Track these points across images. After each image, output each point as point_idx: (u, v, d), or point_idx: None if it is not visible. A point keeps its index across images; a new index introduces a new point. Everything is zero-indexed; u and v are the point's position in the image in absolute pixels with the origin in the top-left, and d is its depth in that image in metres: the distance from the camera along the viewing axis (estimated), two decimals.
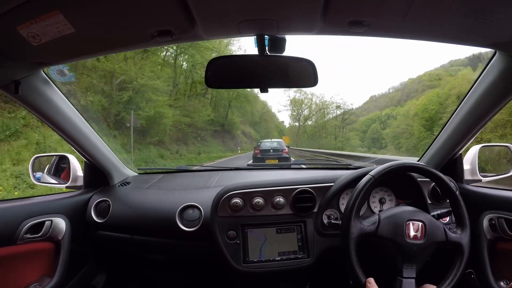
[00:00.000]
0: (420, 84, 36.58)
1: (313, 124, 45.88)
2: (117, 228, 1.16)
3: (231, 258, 1.00)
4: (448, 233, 0.81)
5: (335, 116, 44.40)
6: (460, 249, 0.81)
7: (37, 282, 0.99)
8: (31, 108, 0.96)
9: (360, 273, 0.77)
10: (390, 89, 47.37)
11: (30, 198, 1.10)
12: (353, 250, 0.78)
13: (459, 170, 1.20)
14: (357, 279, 0.77)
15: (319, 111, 44.86)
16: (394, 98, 42.86)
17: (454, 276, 0.78)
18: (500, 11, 0.60)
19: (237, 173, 1.53)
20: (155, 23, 0.67)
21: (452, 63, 35.61)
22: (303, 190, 1.06)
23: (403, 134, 29.84)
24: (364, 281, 0.75)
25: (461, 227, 0.84)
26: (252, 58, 0.81)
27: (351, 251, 0.78)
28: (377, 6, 0.61)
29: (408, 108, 31.13)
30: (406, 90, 40.67)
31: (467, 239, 0.82)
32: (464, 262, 0.80)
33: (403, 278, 0.76)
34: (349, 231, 0.79)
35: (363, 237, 0.79)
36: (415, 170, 0.91)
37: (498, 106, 0.92)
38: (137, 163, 9.63)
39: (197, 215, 1.09)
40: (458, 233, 0.82)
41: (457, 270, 0.79)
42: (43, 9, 0.59)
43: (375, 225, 0.80)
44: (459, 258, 0.80)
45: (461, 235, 0.82)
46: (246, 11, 0.64)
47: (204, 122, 19.18)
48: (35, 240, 0.99)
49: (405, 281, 0.76)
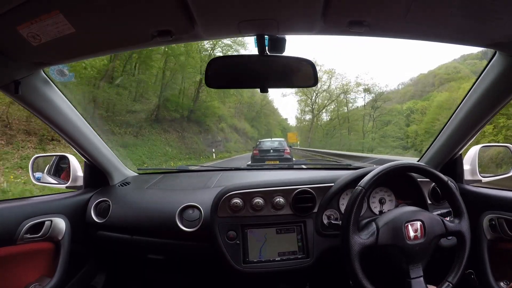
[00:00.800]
0: (436, 78, 32.74)
1: (331, 116, 34.31)
2: (117, 228, 1.16)
3: (231, 259, 1.00)
4: (447, 224, 0.82)
5: (364, 104, 32.95)
6: (461, 237, 0.82)
7: (37, 282, 0.99)
8: (31, 108, 0.96)
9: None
10: (399, 85, 40.16)
11: (30, 198, 1.10)
12: (358, 267, 0.77)
13: (459, 171, 1.20)
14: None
15: (337, 98, 33.47)
16: (407, 94, 36.29)
17: (459, 266, 0.79)
18: (500, 11, 0.60)
19: (237, 173, 1.54)
20: (155, 23, 0.67)
21: (465, 57, 32.60)
22: (303, 190, 1.06)
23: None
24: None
25: (459, 217, 0.85)
26: (252, 58, 0.81)
27: (356, 268, 0.76)
28: (377, 6, 0.61)
29: (443, 99, 24.16)
30: (420, 84, 35.85)
31: (467, 226, 0.83)
32: (467, 250, 0.80)
33: (412, 279, 0.76)
34: (350, 249, 0.78)
35: (365, 251, 0.79)
36: (411, 170, 0.91)
37: (498, 106, 0.92)
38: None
39: (197, 216, 1.09)
40: (457, 222, 0.83)
41: (461, 258, 0.80)
42: (43, 9, 0.59)
43: (374, 236, 0.79)
44: (462, 247, 0.81)
45: (459, 223, 0.83)
46: (246, 11, 0.64)
47: (139, 102, 12.24)
48: (35, 240, 0.99)
49: (414, 282, 0.76)
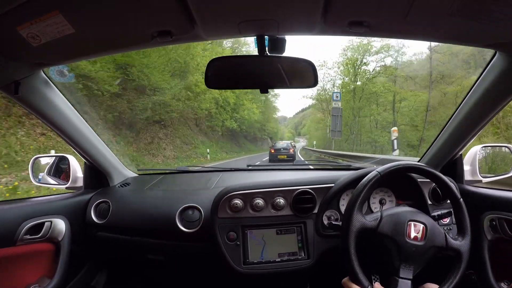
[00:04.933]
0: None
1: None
2: (117, 229, 1.16)
3: (231, 259, 0.99)
4: (449, 239, 0.79)
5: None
6: (459, 257, 0.79)
7: (37, 283, 0.99)
8: (31, 108, 0.96)
9: (361, 275, 0.75)
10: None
11: (30, 199, 1.10)
12: (353, 244, 0.77)
13: (460, 171, 1.19)
14: (357, 279, 0.75)
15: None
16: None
17: (450, 284, 0.76)
18: (500, 11, 0.60)
19: (237, 174, 1.53)
20: (155, 23, 0.67)
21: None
22: (303, 191, 1.06)
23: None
24: (367, 286, 0.74)
25: (462, 235, 0.82)
26: (252, 58, 0.81)
27: (350, 243, 0.76)
28: (377, 6, 0.61)
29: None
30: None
31: (467, 247, 0.80)
32: (462, 270, 0.78)
33: (399, 278, 0.75)
34: (350, 223, 0.78)
35: (364, 232, 0.78)
36: (416, 171, 0.91)
37: (498, 107, 0.92)
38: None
39: (197, 216, 1.09)
40: (459, 240, 0.80)
41: (454, 277, 0.77)
42: (43, 9, 0.59)
43: (376, 221, 0.79)
44: (457, 266, 0.78)
45: (461, 242, 0.80)
46: (246, 11, 0.64)
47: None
48: (35, 241, 0.99)
49: (401, 282, 0.74)
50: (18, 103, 0.94)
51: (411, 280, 0.75)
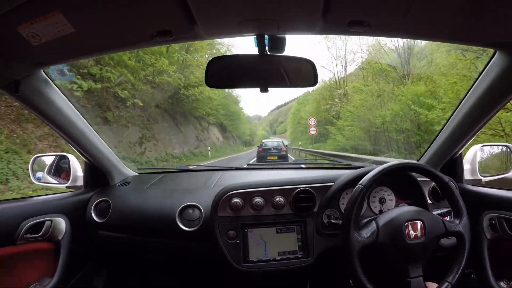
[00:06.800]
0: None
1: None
2: (117, 228, 1.16)
3: (231, 258, 1.00)
4: (447, 224, 0.83)
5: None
6: (461, 237, 0.82)
7: (37, 282, 0.99)
8: (31, 108, 0.96)
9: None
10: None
11: (30, 198, 1.10)
12: (358, 265, 0.77)
13: (459, 170, 1.20)
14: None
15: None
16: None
17: (459, 266, 0.79)
18: (500, 11, 0.60)
19: (237, 173, 1.53)
20: (155, 23, 0.67)
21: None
22: (303, 190, 1.06)
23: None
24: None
25: (459, 217, 0.85)
26: (252, 57, 0.81)
27: (356, 266, 0.77)
28: (377, 6, 0.62)
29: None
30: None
31: (466, 226, 0.83)
32: (467, 250, 0.81)
33: (411, 279, 0.76)
34: (350, 248, 0.78)
35: (365, 249, 0.79)
36: (411, 170, 0.92)
37: (498, 106, 0.92)
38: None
39: (197, 215, 1.09)
40: (456, 222, 0.84)
41: (461, 259, 0.80)
42: (43, 9, 0.59)
43: (374, 235, 0.80)
44: (461, 247, 0.81)
45: (459, 224, 0.84)
46: (247, 11, 0.64)
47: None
48: (35, 240, 0.99)
49: (413, 281, 0.76)
50: (18, 102, 0.94)
51: (422, 276, 0.77)
